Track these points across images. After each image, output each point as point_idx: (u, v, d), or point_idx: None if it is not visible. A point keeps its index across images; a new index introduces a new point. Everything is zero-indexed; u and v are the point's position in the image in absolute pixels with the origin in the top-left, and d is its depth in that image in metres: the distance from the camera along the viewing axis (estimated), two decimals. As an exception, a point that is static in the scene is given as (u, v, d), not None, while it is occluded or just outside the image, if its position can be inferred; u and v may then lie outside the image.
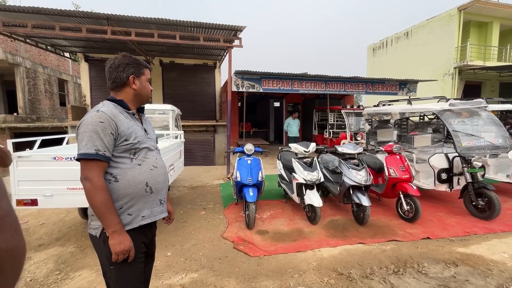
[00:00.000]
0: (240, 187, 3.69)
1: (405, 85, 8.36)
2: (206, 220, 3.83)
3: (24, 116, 10.93)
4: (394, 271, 2.52)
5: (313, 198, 3.49)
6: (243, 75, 6.95)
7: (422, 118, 5.93)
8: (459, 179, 4.10)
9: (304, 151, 3.85)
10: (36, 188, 2.76)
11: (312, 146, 3.92)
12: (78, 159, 1.19)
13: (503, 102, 6.22)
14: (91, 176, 1.17)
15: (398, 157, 3.95)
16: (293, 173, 3.82)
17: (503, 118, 6.19)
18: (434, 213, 3.99)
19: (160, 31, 5.98)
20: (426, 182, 4.43)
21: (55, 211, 4.18)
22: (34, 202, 2.76)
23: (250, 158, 3.84)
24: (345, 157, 3.97)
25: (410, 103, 4.71)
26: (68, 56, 10.18)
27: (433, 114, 5.04)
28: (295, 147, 3.96)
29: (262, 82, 7.11)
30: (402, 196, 3.72)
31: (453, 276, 2.44)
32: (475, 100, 3.99)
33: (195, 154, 8.94)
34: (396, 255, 2.78)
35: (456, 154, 3.94)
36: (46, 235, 3.40)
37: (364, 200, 3.41)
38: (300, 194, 3.75)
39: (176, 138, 5.10)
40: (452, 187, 4.08)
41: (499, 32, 13.50)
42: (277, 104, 13.83)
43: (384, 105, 6.06)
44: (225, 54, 9.75)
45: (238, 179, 3.66)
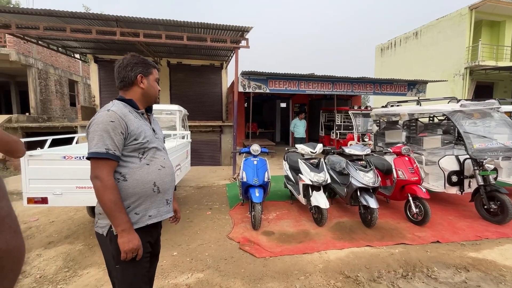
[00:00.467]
0: (246, 187, 3.69)
1: (414, 85, 8.22)
2: (212, 220, 3.83)
3: (35, 116, 11.19)
4: (403, 275, 2.47)
5: (319, 200, 3.46)
6: (249, 75, 6.96)
7: (431, 119, 5.82)
8: (470, 181, 4.01)
9: (311, 152, 3.82)
10: (46, 187, 2.82)
11: (319, 147, 3.89)
12: (89, 158, 1.21)
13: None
14: (101, 175, 1.18)
15: (407, 158, 3.88)
16: (299, 174, 3.79)
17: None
18: (444, 216, 3.91)
19: (168, 32, 6.04)
20: (436, 184, 4.34)
21: (64, 209, 4.25)
22: (44, 200, 2.82)
23: (256, 159, 3.83)
24: (352, 158, 3.92)
25: (420, 104, 4.62)
26: (78, 57, 10.38)
27: (443, 115, 4.95)
28: (301, 148, 3.93)
29: (268, 82, 7.10)
30: (411, 198, 3.65)
31: (464, 281, 2.37)
32: (487, 101, 3.89)
33: (202, 154, 8.99)
34: (404, 259, 2.72)
35: (467, 156, 3.85)
36: (56, 233, 3.46)
37: (372, 202, 3.36)
38: (307, 196, 3.72)
39: (183, 138, 5.13)
40: (463, 190, 3.98)
41: (512, 31, 13.14)
42: (283, 104, 13.79)
43: (392, 106, 5.97)
44: (232, 54, 9.78)
45: (244, 180, 3.65)
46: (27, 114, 11.23)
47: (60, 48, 8.99)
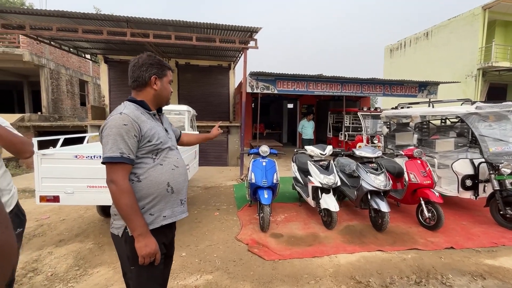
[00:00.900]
0: (254, 189, 3.66)
1: (425, 87, 8.06)
2: (220, 221, 3.82)
3: (47, 115, 11.42)
4: (416, 282, 2.40)
5: (329, 203, 3.41)
6: (258, 76, 6.94)
7: (443, 121, 5.69)
8: (485, 186, 3.89)
9: (321, 154, 3.78)
10: (58, 185, 2.85)
11: (329, 149, 3.84)
12: (104, 162, 1.20)
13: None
14: (117, 179, 1.18)
15: (419, 161, 3.80)
16: (308, 176, 3.75)
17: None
18: (457, 221, 3.80)
19: (177, 33, 6.07)
20: (449, 188, 4.23)
21: (74, 207, 4.31)
22: (56, 199, 2.85)
23: (265, 160, 3.80)
24: (363, 160, 3.86)
25: (432, 106, 4.52)
26: (89, 58, 10.54)
27: (456, 117, 4.83)
28: (311, 149, 3.89)
29: (277, 83, 7.06)
30: (423, 202, 3.57)
31: (480, 289, 2.30)
32: (503, 103, 3.77)
33: (209, 154, 9.02)
34: (417, 265, 2.65)
35: (482, 160, 3.74)
36: (66, 231, 3.50)
37: (383, 206, 3.29)
38: (316, 198, 3.67)
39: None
40: (478, 195, 3.87)
41: (528, 31, 12.78)
42: (290, 105, 13.72)
43: (402, 107, 5.86)
44: (240, 55, 9.79)
45: (253, 181, 3.63)
46: (39, 113, 11.47)
47: (71, 49, 9.15)
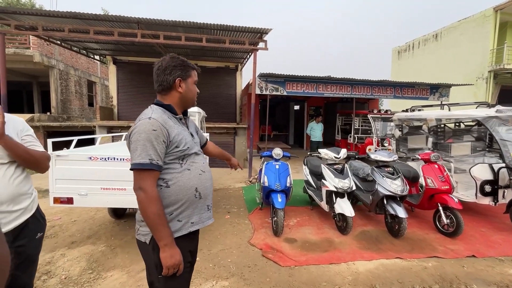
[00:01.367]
0: (267, 192, 3.60)
1: (437, 89, 7.92)
2: (231, 225, 3.77)
3: (56, 115, 11.53)
4: (439, 292, 2.31)
5: (344, 207, 3.33)
6: (267, 77, 6.89)
7: (457, 125, 5.57)
8: (504, 192, 3.77)
9: (335, 157, 3.70)
10: (72, 187, 2.83)
11: (343, 152, 3.76)
12: (132, 169, 1.17)
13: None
14: (145, 187, 1.14)
15: (436, 166, 3.70)
16: (322, 180, 3.67)
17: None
18: (476, 228, 3.69)
19: (187, 34, 6.06)
20: (466, 194, 4.11)
21: (85, 209, 4.29)
22: (70, 201, 2.83)
23: (278, 163, 3.74)
24: (378, 164, 3.77)
25: (449, 109, 4.41)
26: (98, 59, 10.62)
27: (472, 121, 4.71)
28: (325, 152, 3.82)
29: (286, 85, 7.01)
30: (441, 208, 3.47)
31: (508, 301, 2.20)
32: (526, 107, 3.65)
33: (216, 156, 8.97)
34: (439, 274, 2.56)
35: (503, 165, 3.63)
36: (78, 232, 3.48)
37: (400, 212, 3.21)
38: (330, 202, 3.59)
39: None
40: (497, 201, 3.75)
41: (541, 33, 12.53)
42: (297, 107, 13.64)
43: (413, 110, 5.75)
44: (248, 57, 9.76)
45: (266, 184, 3.57)
46: (48, 113, 11.58)
47: (81, 50, 9.22)
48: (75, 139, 3.26)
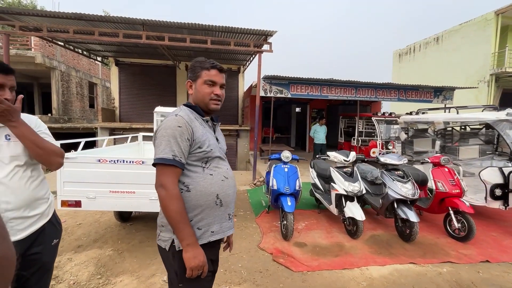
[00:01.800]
0: (276, 195, 3.56)
1: (440, 92, 7.92)
2: (239, 228, 3.72)
3: (57, 116, 11.47)
4: (457, 298, 2.27)
5: (354, 211, 3.29)
6: (271, 80, 6.87)
7: (463, 128, 5.55)
8: (515, 196, 3.73)
9: (344, 160, 3.66)
10: (80, 190, 2.78)
11: (352, 155, 3.73)
12: (155, 164, 1.14)
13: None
14: (167, 183, 1.11)
15: (446, 169, 3.66)
16: (331, 183, 3.63)
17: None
18: (486, 232, 3.65)
19: (192, 36, 6.04)
20: (475, 197, 4.07)
21: (90, 211, 4.23)
22: (78, 204, 2.78)
23: (287, 166, 3.70)
24: (387, 167, 3.74)
25: (457, 112, 4.39)
26: (100, 60, 10.59)
27: (480, 124, 4.69)
28: (334, 155, 3.78)
29: (290, 87, 6.99)
30: (452, 212, 3.43)
31: (528, 309, 2.15)
32: (536, 110, 3.63)
33: (219, 158, 8.92)
34: (455, 280, 2.52)
35: (513, 169, 3.60)
36: (84, 236, 3.42)
37: (412, 216, 3.17)
38: (339, 206, 3.55)
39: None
40: (508, 205, 3.71)
41: (542, 37, 12.59)
42: (298, 109, 13.63)
43: (417, 113, 5.73)
44: (251, 59, 9.75)
45: (275, 188, 3.53)
46: (49, 114, 11.53)
47: (84, 51, 9.19)
48: (83, 141, 3.22)
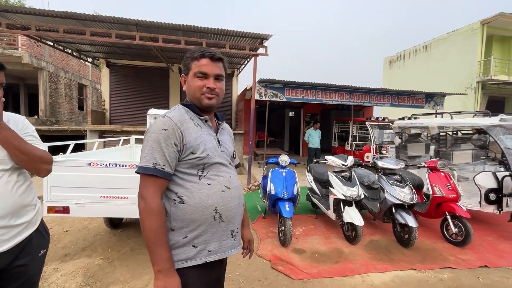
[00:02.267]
0: (274, 200, 3.48)
1: (432, 98, 8.09)
2: (235, 234, 3.60)
3: (44, 118, 11.10)
4: (460, 305, 2.23)
5: (353, 216, 3.24)
6: (266, 83, 6.84)
7: (455, 133, 5.65)
8: (508, 200, 3.78)
9: (342, 165, 3.63)
10: (69, 195, 2.62)
11: (350, 159, 3.70)
12: (138, 172, 1.02)
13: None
14: (146, 195, 0.98)
15: (442, 174, 3.68)
16: (330, 188, 3.59)
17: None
18: (482, 237, 3.67)
19: (187, 38, 5.96)
20: (469, 202, 4.11)
21: (78, 218, 4.03)
22: (65, 210, 2.62)
23: (285, 170, 3.64)
24: (384, 172, 3.73)
25: (451, 117, 4.45)
26: (91, 62, 10.34)
27: (472, 129, 4.78)
28: (332, 160, 3.75)
29: (285, 91, 6.97)
30: (449, 217, 3.43)
31: (530, 315, 2.14)
32: (528, 116, 3.71)
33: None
34: (456, 286, 2.49)
35: (506, 173, 3.65)
36: (71, 244, 3.24)
37: (411, 221, 3.14)
38: (337, 211, 3.50)
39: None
40: (502, 209, 3.75)
41: (524, 47, 13.12)
42: (292, 113, 13.66)
43: (410, 118, 5.80)
44: (245, 62, 9.73)
45: (273, 192, 3.45)
46: (36, 116, 11.14)
47: (74, 52, 8.95)
48: (72, 143, 3.07)
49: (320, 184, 4.16)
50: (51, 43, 7.33)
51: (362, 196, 3.47)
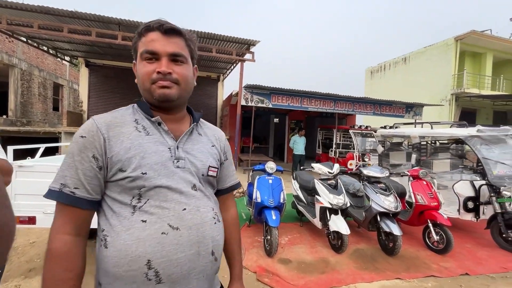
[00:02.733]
0: (260, 209, 3.38)
1: (411, 108, 8.41)
2: (219, 244, 3.46)
3: (14, 119, 10.37)
4: (445, 315, 2.23)
5: (339, 225, 3.21)
6: (253, 89, 6.80)
7: (434, 142, 5.87)
8: (484, 208, 3.93)
9: (329, 172, 3.61)
10: (36, 204, 2.39)
11: (336, 167, 3.70)
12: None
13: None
14: (51, 229, 0.72)
15: (424, 182, 3.76)
16: (316, 196, 3.55)
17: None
18: (461, 244, 3.76)
19: (172, 40, 5.80)
20: (448, 210, 4.23)
21: (46, 227, 3.71)
22: (31, 220, 2.38)
23: (271, 178, 3.56)
24: (369, 180, 3.75)
25: (431, 127, 4.61)
26: (68, 60, 9.84)
27: (449, 139, 4.97)
28: (318, 167, 3.72)
29: (271, 97, 6.96)
30: (431, 225, 3.49)
31: (511, 323, 2.17)
32: (502, 128, 3.91)
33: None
34: (441, 295, 2.50)
35: (483, 182, 3.80)
36: (38, 257, 2.95)
37: (395, 229, 3.16)
38: (323, 219, 3.47)
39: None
40: (479, 217, 3.89)
41: (492, 63, 14.11)
42: (276, 120, 13.73)
43: (391, 127, 5.97)
44: (232, 67, 9.67)
45: (259, 200, 3.35)
46: (4, 116, 10.38)
47: (50, 49, 8.48)
48: (42, 146, 2.83)
49: (306, 192, 4.12)
50: (24, 39, 6.89)
51: (348, 204, 3.46)
